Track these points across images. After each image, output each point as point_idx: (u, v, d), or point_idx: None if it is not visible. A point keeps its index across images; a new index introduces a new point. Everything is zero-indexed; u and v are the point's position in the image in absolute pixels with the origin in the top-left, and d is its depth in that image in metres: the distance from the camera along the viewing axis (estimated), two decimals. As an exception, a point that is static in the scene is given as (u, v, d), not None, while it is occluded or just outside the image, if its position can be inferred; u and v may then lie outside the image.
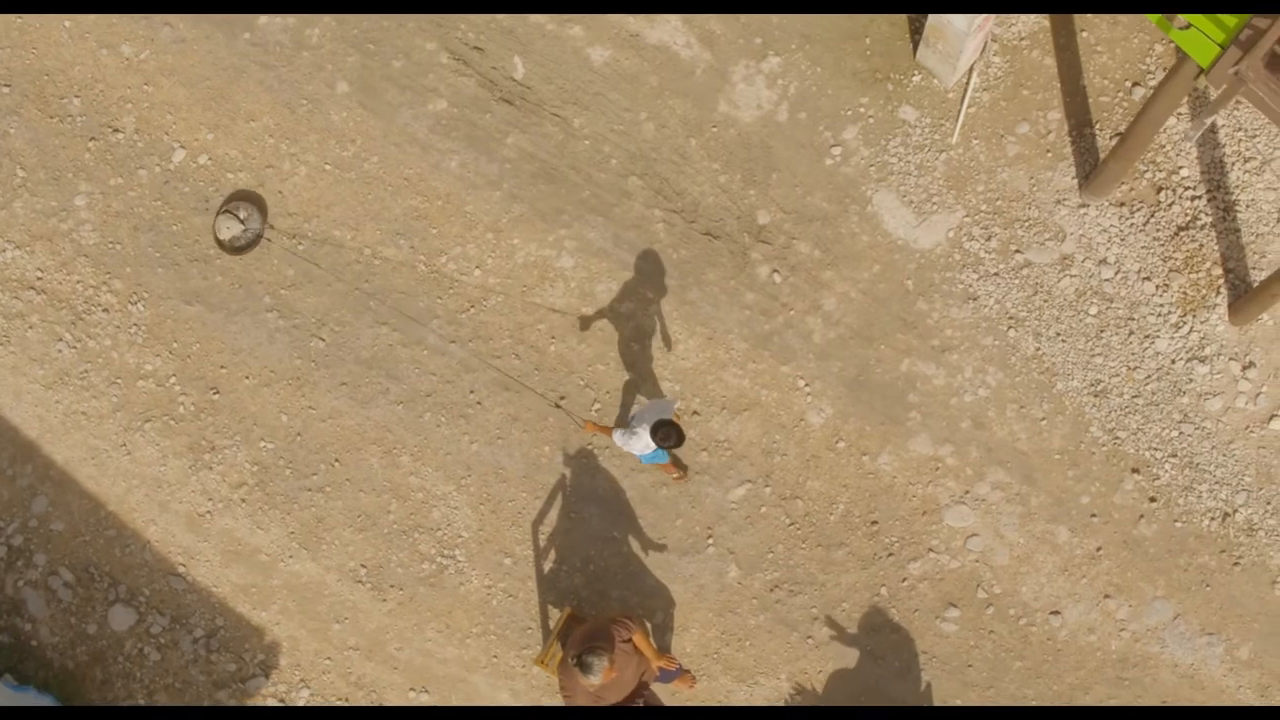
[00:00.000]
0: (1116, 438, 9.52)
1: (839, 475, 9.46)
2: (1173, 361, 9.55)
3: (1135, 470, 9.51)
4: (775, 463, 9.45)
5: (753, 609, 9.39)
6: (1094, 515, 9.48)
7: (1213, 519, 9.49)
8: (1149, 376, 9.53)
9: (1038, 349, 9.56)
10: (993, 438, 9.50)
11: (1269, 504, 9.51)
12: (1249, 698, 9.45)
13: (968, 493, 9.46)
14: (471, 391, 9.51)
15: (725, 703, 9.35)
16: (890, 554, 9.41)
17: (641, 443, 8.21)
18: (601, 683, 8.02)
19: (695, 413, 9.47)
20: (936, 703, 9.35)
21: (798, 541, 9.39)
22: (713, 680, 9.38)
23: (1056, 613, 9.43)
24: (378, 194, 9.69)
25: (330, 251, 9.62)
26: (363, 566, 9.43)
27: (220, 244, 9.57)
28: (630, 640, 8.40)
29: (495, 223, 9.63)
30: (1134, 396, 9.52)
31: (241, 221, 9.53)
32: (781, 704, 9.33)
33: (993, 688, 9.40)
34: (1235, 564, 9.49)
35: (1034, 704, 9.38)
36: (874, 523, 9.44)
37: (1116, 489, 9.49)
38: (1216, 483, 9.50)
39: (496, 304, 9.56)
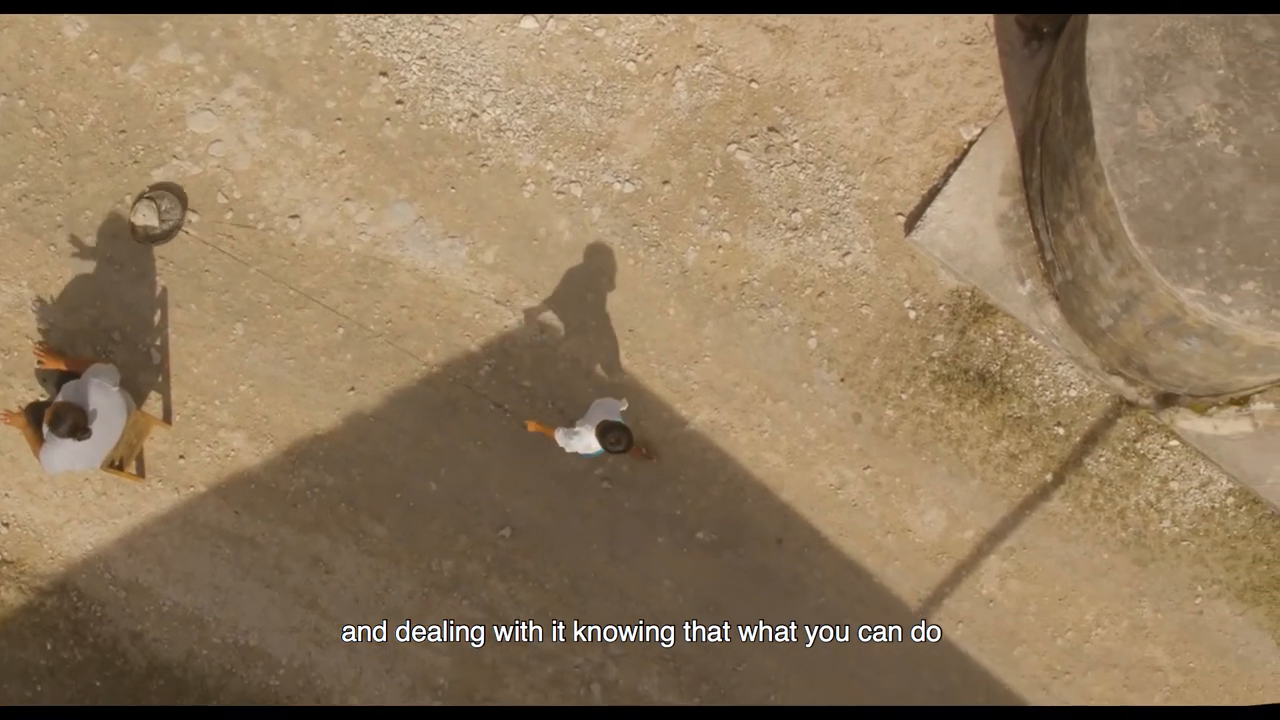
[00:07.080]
0: (366, 42, 9.29)
1: (91, 87, 9.41)
2: (424, -36, 9.30)
3: (383, 73, 9.26)
4: (30, 76, 9.45)
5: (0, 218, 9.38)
6: (339, 119, 9.25)
7: (460, 120, 9.18)
8: (400, -20, 9.31)
9: (292, -43, 9.41)
10: (242, 45, 9.35)
11: (518, 104, 9.16)
12: (491, 303, 9.06)
13: (214, 99, 9.32)
14: None
15: (-32, 310, 9.34)
16: (136, 161, 9.31)
17: (584, 443, 8.12)
18: None
19: (-42, 32, 9.55)
20: (171, 306, 9.18)
21: (47, 152, 9.36)
22: (-43, 288, 9.38)
23: (296, 217, 9.20)
24: None
25: None
26: None
27: None
28: None
29: None
30: (384, 0, 9.30)
31: None
32: (13, 307, 9.28)
33: (229, 292, 9.19)
34: (483, 166, 9.15)
35: (269, 307, 9.14)
36: (122, 131, 9.35)
37: (363, 92, 9.26)
38: (464, 84, 9.20)
39: None
